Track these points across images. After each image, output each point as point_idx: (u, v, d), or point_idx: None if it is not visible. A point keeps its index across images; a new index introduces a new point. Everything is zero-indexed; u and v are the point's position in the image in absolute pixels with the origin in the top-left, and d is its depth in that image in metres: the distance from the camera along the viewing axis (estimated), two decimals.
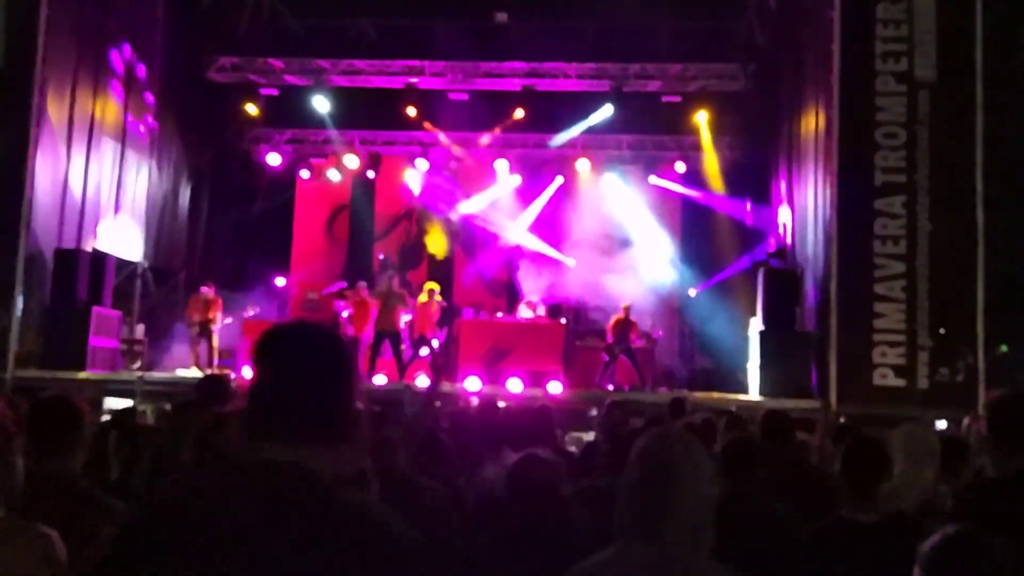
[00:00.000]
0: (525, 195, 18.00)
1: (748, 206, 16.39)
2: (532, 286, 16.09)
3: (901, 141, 12.34)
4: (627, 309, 14.37)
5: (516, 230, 17.52)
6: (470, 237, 18.20)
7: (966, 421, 6.79)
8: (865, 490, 3.46)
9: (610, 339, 14.22)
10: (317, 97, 17.29)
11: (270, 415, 1.73)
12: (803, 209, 14.48)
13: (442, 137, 17.78)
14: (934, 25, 12.15)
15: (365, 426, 3.52)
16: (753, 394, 13.18)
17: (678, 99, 17.26)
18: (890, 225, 12.36)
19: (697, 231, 17.17)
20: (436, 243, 18.17)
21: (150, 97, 16.23)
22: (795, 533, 3.50)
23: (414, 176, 18.40)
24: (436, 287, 14.62)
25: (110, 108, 15.23)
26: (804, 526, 3.56)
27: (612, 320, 14.46)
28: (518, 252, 17.55)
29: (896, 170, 12.37)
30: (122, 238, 15.51)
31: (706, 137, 17.17)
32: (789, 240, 15.01)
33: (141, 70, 15.88)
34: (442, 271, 17.69)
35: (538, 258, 17.15)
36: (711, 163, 17.26)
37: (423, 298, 14.35)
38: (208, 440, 3.92)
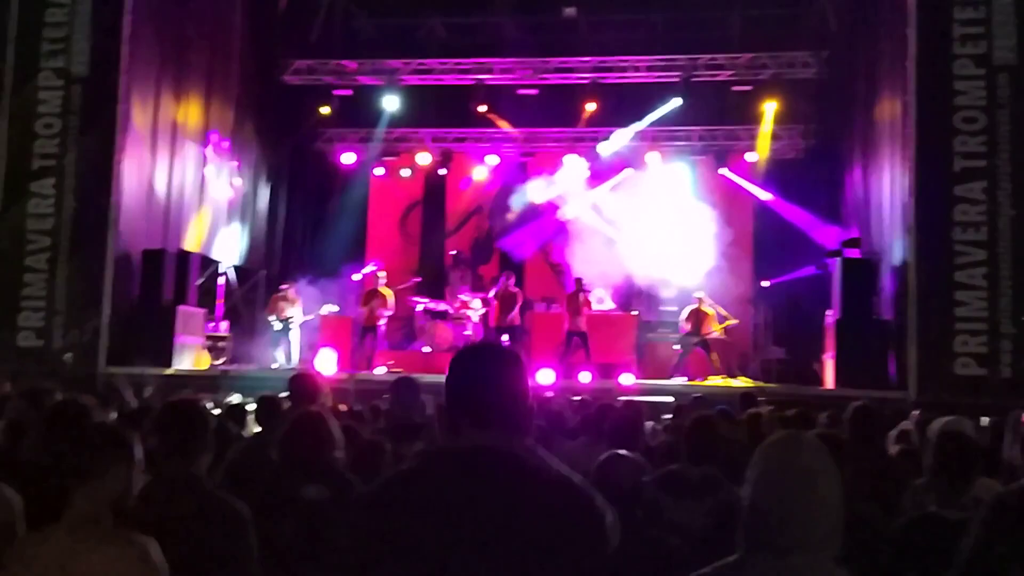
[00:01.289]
0: (594, 185, 18.01)
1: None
2: (594, 272, 15.99)
3: (981, 126, 12.09)
4: (700, 300, 14.34)
5: (582, 211, 17.49)
6: (540, 228, 18.25)
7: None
8: (955, 486, 3.42)
9: (683, 330, 14.19)
10: (389, 96, 17.57)
11: (466, 410, 2.14)
12: (878, 197, 14.26)
13: (509, 129, 17.91)
14: (1013, 6, 11.87)
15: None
16: (829, 385, 13.04)
17: (749, 88, 17.12)
18: (970, 211, 12.12)
19: (769, 221, 16.98)
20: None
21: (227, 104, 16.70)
22: (881, 532, 3.44)
23: (484, 172, 18.58)
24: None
25: (192, 112, 15.70)
26: (890, 524, 3.50)
27: (686, 311, 14.43)
28: (568, 233, 17.49)
29: (976, 155, 12.13)
30: (207, 238, 15.99)
31: (766, 127, 16.95)
32: (863, 228, 14.81)
33: (220, 75, 16.34)
34: (513, 265, 17.83)
35: (598, 240, 17.02)
36: (763, 150, 17.05)
37: None
38: (293, 440, 3.96)
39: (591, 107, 17.24)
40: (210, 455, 3.39)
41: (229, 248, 16.80)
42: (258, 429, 5.77)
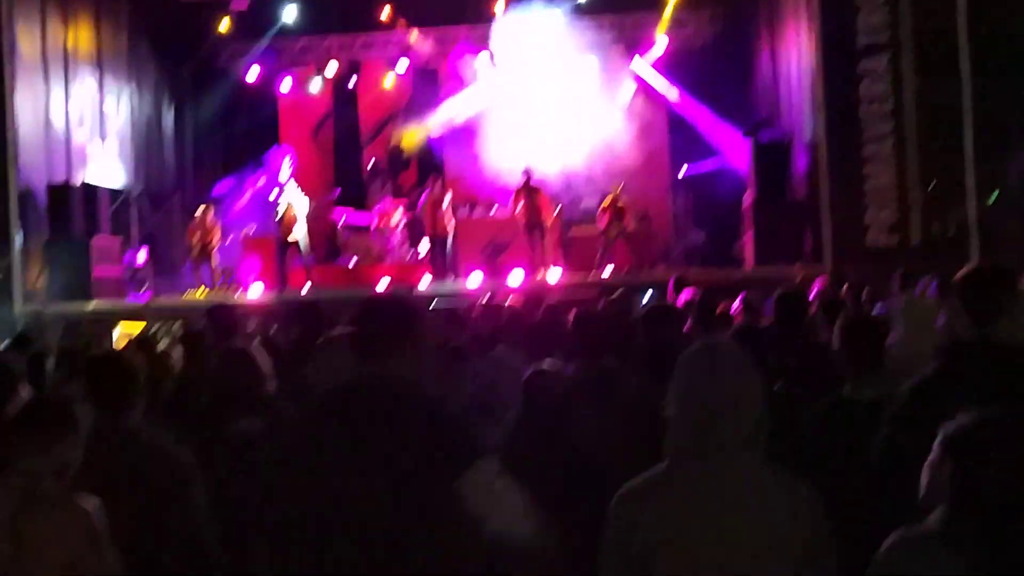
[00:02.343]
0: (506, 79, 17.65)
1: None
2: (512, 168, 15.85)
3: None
4: (615, 194, 14.36)
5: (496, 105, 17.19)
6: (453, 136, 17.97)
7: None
8: (866, 367, 3.45)
9: (602, 224, 14.29)
10: (288, 6, 16.98)
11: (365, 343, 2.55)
12: (787, 78, 14.44)
13: (415, 36, 17.45)
14: None
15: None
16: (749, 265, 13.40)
17: None
18: (875, 86, 12.38)
19: (683, 110, 17.04)
20: (409, 139, 17.90)
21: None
22: (798, 415, 3.48)
23: (395, 79, 18.19)
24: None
25: (83, 36, 15.00)
26: (807, 407, 3.54)
27: (602, 205, 14.49)
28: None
29: (879, 29, 12.33)
30: (111, 166, 15.47)
31: (667, 13, 16.72)
32: (774, 110, 15.01)
33: None
34: (431, 170, 17.63)
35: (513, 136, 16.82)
36: (662, 34, 16.82)
37: None
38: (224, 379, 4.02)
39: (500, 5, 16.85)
40: (142, 405, 3.38)
41: (138, 175, 16.29)
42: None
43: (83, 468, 2.89)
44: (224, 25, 17.31)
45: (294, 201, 14.14)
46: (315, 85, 18.27)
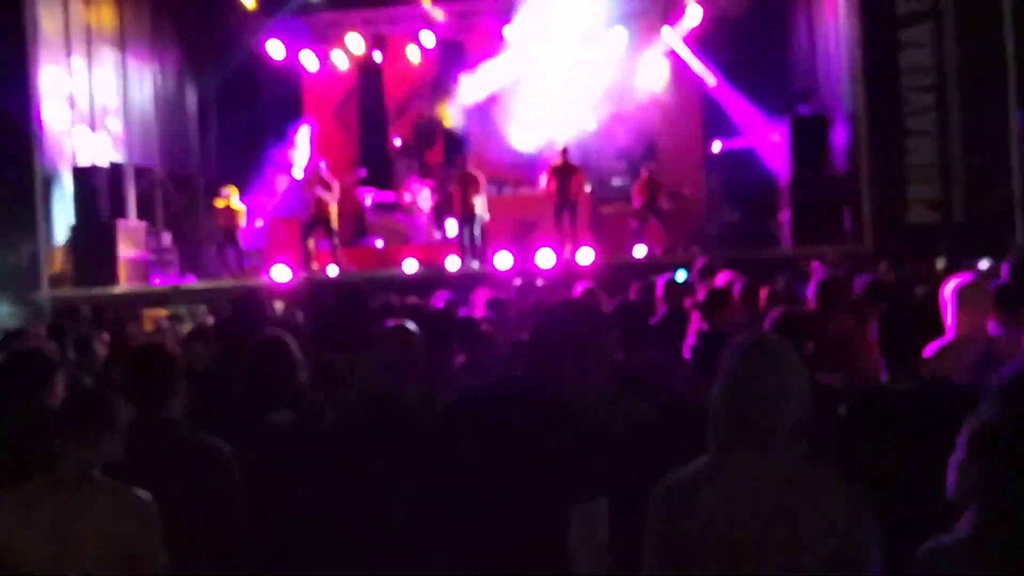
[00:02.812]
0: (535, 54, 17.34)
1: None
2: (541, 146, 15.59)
3: None
4: (650, 171, 14.09)
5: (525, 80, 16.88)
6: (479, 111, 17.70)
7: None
8: (903, 358, 3.34)
9: (636, 204, 14.01)
10: None
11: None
12: (824, 50, 14.04)
13: (439, 13, 17.11)
14: None
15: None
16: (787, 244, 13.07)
17: None
18: (917, 56, 12.00)
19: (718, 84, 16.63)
20: (445, 112, 17.65)
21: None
22: (834, 405, 3.40)
23: (420, 54, 17.89)
24: None
25: (105, 14, 14.82)
26: (845, 399, 3.45)
27: (637, 182, 14.22)
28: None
29: None
30: (134, 148, 15.33)
31: None
32: (812, 83, 14.61)
33: None
34: (458, 148, 17.37)
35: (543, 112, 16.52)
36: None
37: None
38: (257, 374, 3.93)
39: None
40: (183, 398, 3.37)
41: (163, 156, 16.15)
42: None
43: (125, 460, 2.92)
44: (250, 2, 17.06)
45: (321, 181, 13.89)
46: (339, 61, 17.99)
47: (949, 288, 4.20)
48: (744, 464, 2.18)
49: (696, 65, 16.52)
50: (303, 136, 15.33)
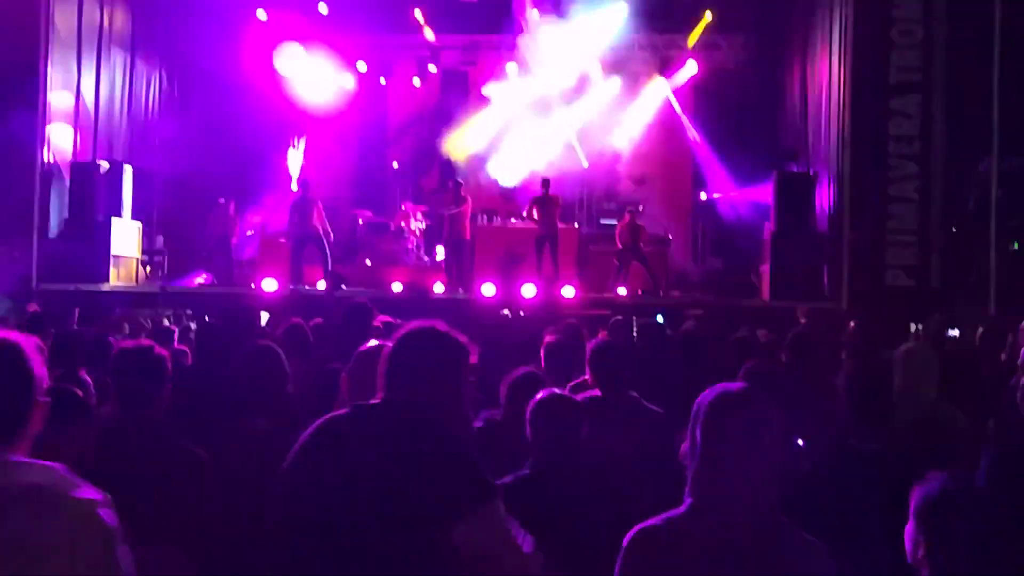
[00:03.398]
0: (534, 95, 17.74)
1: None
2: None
3: (917, 39, 12.21)
4: (632, 214, 14.34)
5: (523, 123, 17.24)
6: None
7: (980, 332, 6.76)
8: (871, 418, 3.42)
9: (619, 244, 14.26)
10: (321, 2, 17.01)
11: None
12: (816, 110, 14.38)
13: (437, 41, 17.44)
14: None
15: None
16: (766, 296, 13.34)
17: None
18: (905, 125, 12.32)
19: (709, 134, 17.00)
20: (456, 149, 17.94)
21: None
22: (802, 463, 3.36)
23: (424, 82, 18.22)
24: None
25: (117, 16, 15.08)
26: (812, 455, 3.42)
27: (620, 226, 14.46)
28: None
29: (912, 68, 12.27)
30: (136, 150, 15.54)
31: (697, 36, 16.77)
32: (801, 140, 14.95)
33: None
34: (452, 175, 17.64)
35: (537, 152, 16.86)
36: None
37: None
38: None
39: (534, 14, 16.86)
40: (166, 400, 3.36)
41: (163, 160, 16.33)
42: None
43: (100, 460, 2.81)
44: (262, 14, 17.35)
45: (315, 198, 14.11)
46: (345, 82, 18.29)
47: None
48: (719, 518, 2.17)
49: (689, 111, 16.93)
50: (298, 152, 15.54)
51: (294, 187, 16.51)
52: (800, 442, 3.76)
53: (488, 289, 13.18)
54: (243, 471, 3.55)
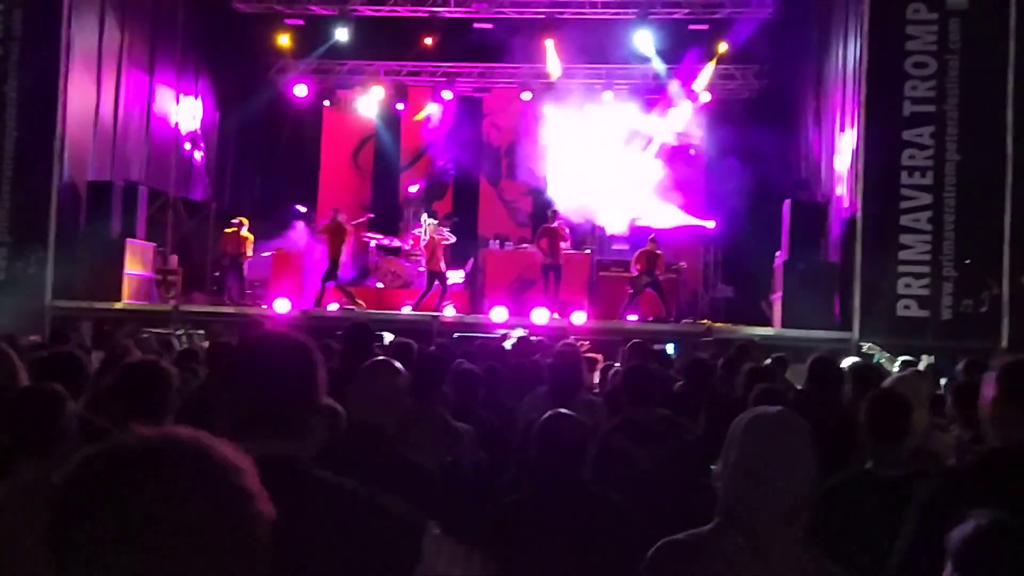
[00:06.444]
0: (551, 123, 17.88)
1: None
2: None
3: (931, 71, 12.21)
4: (653, 241, 14.43)
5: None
6: (495, 167, 18.22)
7: (960, 366, 6.58)
8: (890, 444, 3.40)
9: (635, 271, 14.30)
10: (341, 28, 17.22)
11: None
12: (829, 140, 14.41)
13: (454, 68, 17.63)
14: None
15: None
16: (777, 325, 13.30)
17: (706, 27, 17.04)
18: (918, 156, 12.31)
19: (722, 162, 17.06)
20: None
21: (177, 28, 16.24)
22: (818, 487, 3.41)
23: (438, 107, 18.37)
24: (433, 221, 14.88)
25: (138, 38, 15.27)
26: (828, 479, 3.36)
27: (638, 252, 14.53)
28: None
29: (925, 100, 12.27)
30: (152, 169, 15.68)
31: (711, 66, 16.89)
32: (814, 170, 14.97)
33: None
34: (467, 201, 17.76)
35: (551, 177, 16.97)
36: (702, 87, 17.05)
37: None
38: None
39: (550, 46, 17.01)
40: (172, 416, 3.30)
41: (178, 180, 16.49)
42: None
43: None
44: (285, 40, 17.55)
45: (336, 228, 14.31)
46: (360, 107, 18.47)
47: None
48: (744, 539, 2.15)
49: (702, 141, 17.01)
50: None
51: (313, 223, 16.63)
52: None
53: (499, 314, 13.19)
54: None
